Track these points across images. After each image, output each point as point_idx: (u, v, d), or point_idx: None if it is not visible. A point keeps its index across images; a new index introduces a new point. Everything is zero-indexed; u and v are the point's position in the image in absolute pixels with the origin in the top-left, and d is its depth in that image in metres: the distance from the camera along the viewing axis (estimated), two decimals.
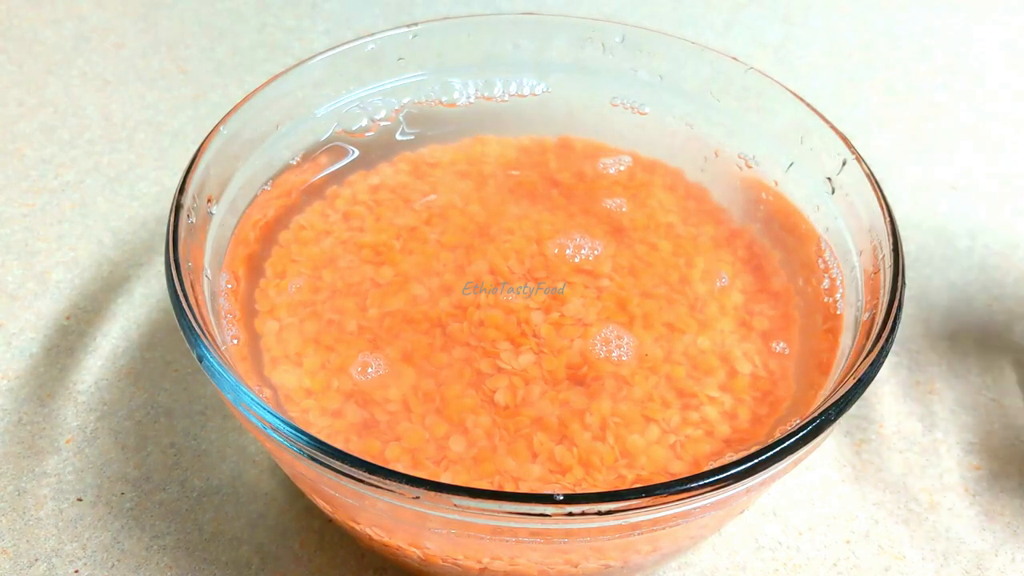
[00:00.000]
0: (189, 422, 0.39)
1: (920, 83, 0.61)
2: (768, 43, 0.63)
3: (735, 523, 0.37)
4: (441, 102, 0.43)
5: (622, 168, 0.39)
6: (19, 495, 0.37)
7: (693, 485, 0.25)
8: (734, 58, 0.39)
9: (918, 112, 0.59)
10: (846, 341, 0.33)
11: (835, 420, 0.27)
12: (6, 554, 0.35)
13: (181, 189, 0.32)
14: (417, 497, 0.24)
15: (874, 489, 0.38)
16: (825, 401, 0.28)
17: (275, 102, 0.38)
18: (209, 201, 0.34)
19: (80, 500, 0.37)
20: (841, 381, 0.29)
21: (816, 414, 0.27)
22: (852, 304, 0.34)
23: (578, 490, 0.30)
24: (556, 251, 0.37)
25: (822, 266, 0.36)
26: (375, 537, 0.30)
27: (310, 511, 0.36)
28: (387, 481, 0.24)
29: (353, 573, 0.35)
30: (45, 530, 0.36)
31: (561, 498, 0.24)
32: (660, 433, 0.32)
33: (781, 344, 0.34)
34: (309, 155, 0.40)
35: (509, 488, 0.30)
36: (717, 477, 0.25)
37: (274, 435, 0.26)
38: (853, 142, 0.35)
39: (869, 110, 0.59)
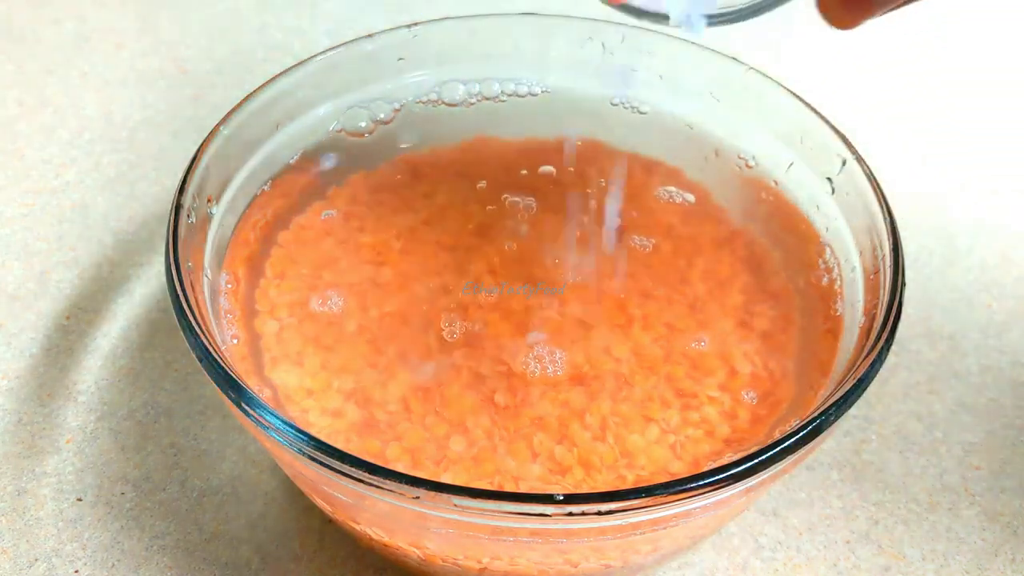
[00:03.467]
0: (189, 422, 0.39)
1: (921, 82, 0.61)
2: (768, 43, 0.62)
3: (735, 523, 0.37)
4: (441, 102, 0.43)
5: (677, 201, 0.39)
6: (19, 495, 0.37)
7: (693, 485, 0.25)
8: (734, 58, 0.39)
9: (919, 112, 0.59)
10: (846, 341, 0.33)
11: (835, 420, 0.27)
12: (6, 554, 0.35)
13: (181, 189, 0.32)
14: (417, 497, 0.24)
15: (874, 489, 0.38)
16: (825, 401, 0.28)
17: (275, 102, 0.38)
18: (209, 201, 0.34)
19: (80, 500, 0.37)
20: (841, 381, 0.29)
21: (816, 414, 0.27)
22: (852, 304, 0.34)
23: (578, 490, 0.30)
24: (556, 251, 0.37)
25: (822, 266, 0.36)
26: (375, 537, 0.30)
27: (310, 511, 0.36)
28: (387, 481, 0.25)
29: (353, 573, 0.35)
30: (45, 530, 0.36)
31: (561, 498, 0.24)
32: (660, 433, 0.32)
33: (751, 393, 0.33)
34: (309, 155, 0.40)
35: (509, 488, 0.30)
36: (717, 477, 0.25)
37: (274, 435, 0.26)
38: (853, 142, 0.35)
39: (869, 110, 0.59)
